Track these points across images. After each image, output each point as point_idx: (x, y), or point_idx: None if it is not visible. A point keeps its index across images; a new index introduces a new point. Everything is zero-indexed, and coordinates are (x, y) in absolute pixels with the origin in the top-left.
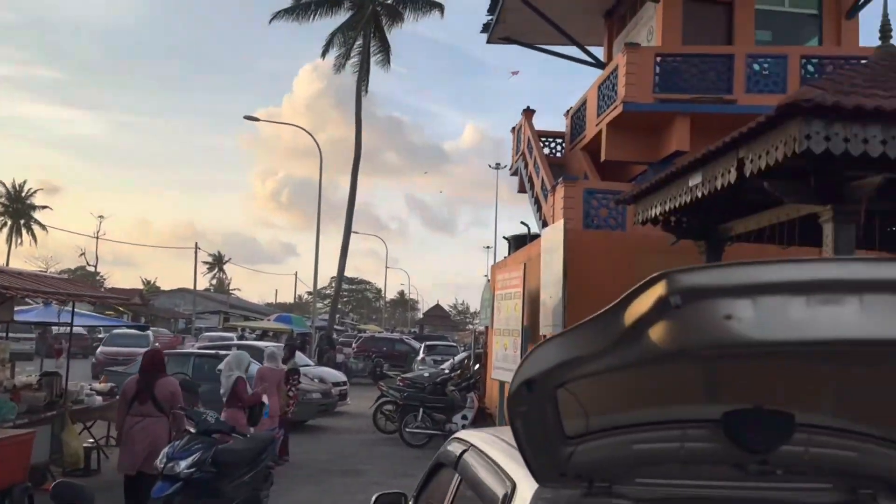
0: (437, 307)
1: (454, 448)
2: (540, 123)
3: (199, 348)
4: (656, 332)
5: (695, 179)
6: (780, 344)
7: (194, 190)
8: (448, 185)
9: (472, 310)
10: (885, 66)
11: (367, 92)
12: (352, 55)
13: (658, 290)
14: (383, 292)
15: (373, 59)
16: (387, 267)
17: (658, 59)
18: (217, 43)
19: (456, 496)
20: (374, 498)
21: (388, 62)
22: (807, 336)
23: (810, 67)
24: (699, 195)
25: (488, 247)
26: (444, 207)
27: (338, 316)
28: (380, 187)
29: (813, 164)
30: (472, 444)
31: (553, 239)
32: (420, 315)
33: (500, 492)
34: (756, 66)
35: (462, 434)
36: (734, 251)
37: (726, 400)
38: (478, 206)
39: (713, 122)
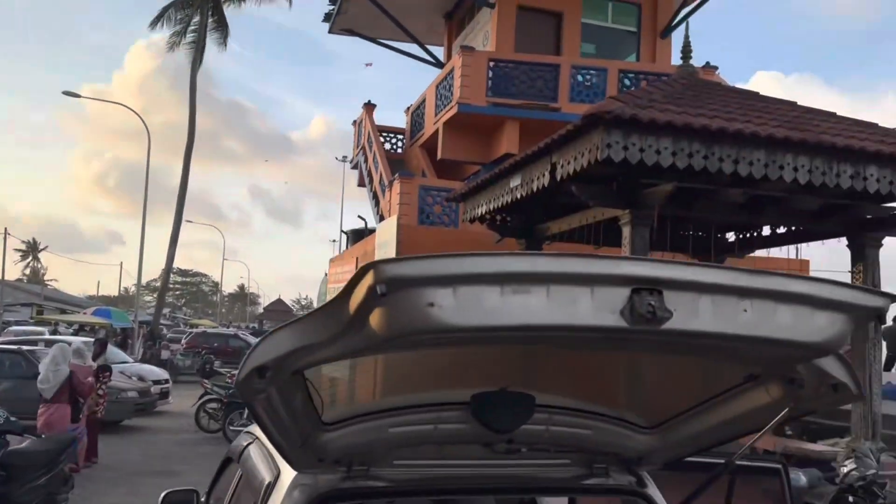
0: (279, 301)
1: (241, 441)
2: (388, 118)
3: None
4: (373, 319)
5: (514, 181)
6: (477, 329)
7: (6, 170)
8: (295, 176)
9: (315, 304)
10: (684, 84)
11: (199, 68)
12: (188, 33)
13: (368, 279)
14: (220, 285)
15: (209, 39)
16: (224, 259)
17: (491, 63)
18: (36, 9)
19: (237, 489)
20: (161, 496)
21: (225, 42)
22: (501, 322)
23: (627, 81)
24: (518, 196)
25: (334, 240)
26: (290, 199)
27: (168, 310)
28: (220, 175)
29: (615, 171)
30: (256, 437)
31: (387, 233)
32: (261, 310)
33: (266, 480)
34: (580, 77)
35: (252, 427)
36: (553, 250)
37: (475, 383)
38: (326, 198)
39: (540, 127)
